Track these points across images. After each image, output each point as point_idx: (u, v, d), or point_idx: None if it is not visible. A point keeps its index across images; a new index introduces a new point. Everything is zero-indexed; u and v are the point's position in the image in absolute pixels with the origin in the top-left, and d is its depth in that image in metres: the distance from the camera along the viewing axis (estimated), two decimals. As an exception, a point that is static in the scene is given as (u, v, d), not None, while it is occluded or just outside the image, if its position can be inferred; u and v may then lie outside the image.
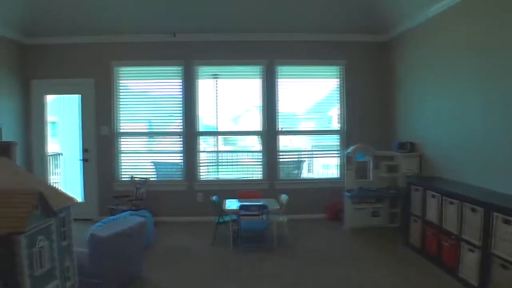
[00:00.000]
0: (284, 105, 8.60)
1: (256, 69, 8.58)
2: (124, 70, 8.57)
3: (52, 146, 9.35)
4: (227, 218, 6.72)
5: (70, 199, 2.53)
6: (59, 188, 2.53)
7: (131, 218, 5.29)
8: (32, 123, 8.55)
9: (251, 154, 8.85)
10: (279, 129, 8.57)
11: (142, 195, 7.82)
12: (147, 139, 8.85)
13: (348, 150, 7.79)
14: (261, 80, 8.57)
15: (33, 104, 8.56)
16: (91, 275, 4.24)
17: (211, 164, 8.74)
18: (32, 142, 8.54)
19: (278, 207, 6.63)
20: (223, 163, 8.78)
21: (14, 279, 1.97)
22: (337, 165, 8.81)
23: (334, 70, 8.65)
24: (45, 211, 2.08)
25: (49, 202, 2.08)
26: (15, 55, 8.19)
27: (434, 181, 6.21)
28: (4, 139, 7.17)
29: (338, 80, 8.65)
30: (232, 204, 6.80)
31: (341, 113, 8.66)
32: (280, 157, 8.64)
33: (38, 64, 8.50)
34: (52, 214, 2.15)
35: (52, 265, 2.19)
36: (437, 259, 5.61)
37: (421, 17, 6.99)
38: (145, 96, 8.77)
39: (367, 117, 8.53)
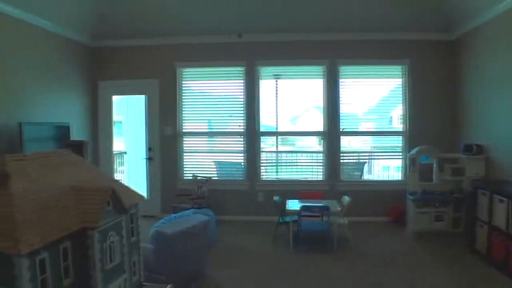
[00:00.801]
0: (345, 105, 8.51)
1: (318, 69, 8.53)
2: (187, 71, 8.76)
3: (116, 144, 9.66)
4: (288, 219, 6.73)
5: (139, 196, 2.61)
6: (129, 186, 2.62)
7: (195, 217, 5.38)
8: (99, 122, 8.89)
9: (310, 154, 8.82)
10: (341, 130, 8.48)
11: (204, 194, 7.94)
12: (212, 139, 9.00)
13: (412, 152, 7.63)
14: (323, 80, 8.52)
15: (100, 104, 8.89)
16: (155, 271, 4.35)
17: (270, 164, 8.77)
18: (99, 141, 8.86)
19: (340, 208, 6.58)
20: (283, 163, 8.80)
21: (86, 272, 2.05)
22: (399, 167, 8.64)
23: (397, 69, 8.47)
24: (116, 207, 2.16)
25: (121, 199, 2.16)
26: (84, 57, 8.55)
27: (502, 185, 5.98)
28: (73, 137, 7.48)
29: (401, 79, 8.47)
30: (293, 204, 6.78)
31: (404, 114, 8.47)
32: (342, 158, 8.55)
33: (104, 66, 8.84)
34: (123, 211, 2.23)
35: (121, 260, 2.27)
36: (504, 267, 5.39)
37: (491, 13, 6.71)
38: (207, 96, 8.93)
39: (431, 118, 8.29)
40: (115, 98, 9.23)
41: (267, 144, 8.81)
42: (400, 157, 8.55)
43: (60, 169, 2.32)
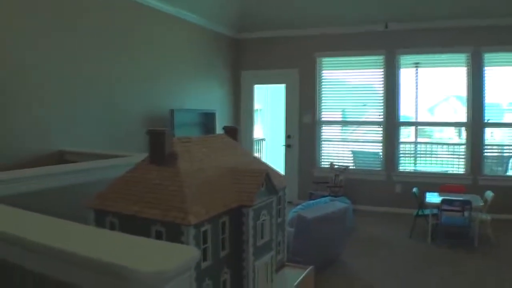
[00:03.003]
0: (489, 94, 7.98)
1: (461, 57, 8.12)
2: (326, 61, 8.85)
3: (256, 131, 10.07)
4: (427, 212, 6.56)
5: (286, 180, 2.78)
6: (278, 170, 2.80)
7: (334, 203, 5.49)
8: (241, 110, 9.32)
9: (452, 146, 8.48)
10: (485, 121, 8.03)
11: (341, 182, 8.00)
12: (346, 128, 9.05)
13: None
14: (466, 68, 8.09)
15: (243, 93, 9.32)
16: (293, 253, 4.53)
17: (409, 155, 8.59)
18: (240, 128, 9.28)
19: (482, 204, 6.28)
20: (421, 155, 8.57)
21: (240, 247, 2.24)
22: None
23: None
24: (269, 189, 2.33)
25: (273, 181, 2.34)
26: (228, 49, 9.06)
27: None
28: (217, 124, 7.95)
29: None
30: (433, 197, 6.60)
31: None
32: (486, 151, 8.10)
33: (247, 57, 9.25)
34: (274, 193, 2.40)
35: (270, 238, 2.43)
36: None
37: None
38: (345, 85, 8.97)
39: None
40: (256, 87, 9.61)
41: (402, 134, 8.61)
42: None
43: (219, 152, 2.56)
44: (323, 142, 8.96)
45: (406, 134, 8.62)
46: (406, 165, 8.58)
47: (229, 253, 2.23)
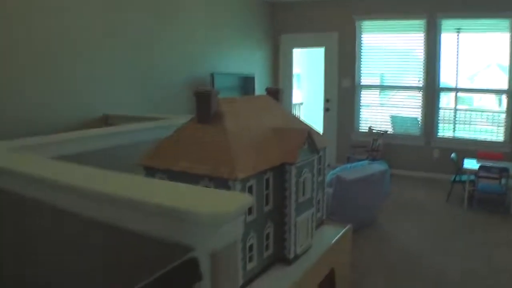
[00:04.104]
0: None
1: (504, 22, 7.88)
2: (366, 24, 8.76)
3: (295, 96, 10.12)
4: (464, 178, 6.56)
5: (327, 141, 2.87)
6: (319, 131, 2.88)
7: (372, 166, 5.55)
8: (280, 74, 9.35)
9: (491, 114, 8.34)
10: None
11: (379, 147, 8.03)
12: (385, 92, 9.00)
13: None
14: (510, 34, 7.81)
15: (281, 57, 9.33)
16: (331, 212, 4.64)
17: (447, 121, 8.50)
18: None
19: (520, 172, 6.23)
20: (461, 122, 8.47)
21: (283, 203, 2.36)
22: None
23: None
24: (310, 148, 2.43)
25: (314, 140, 2.43)
26: (266, 12, 9.07)
27: None
28: (256, 87, 8.04)
29: None
30: (470, 163, 6.58)
31: None
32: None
33: (286, 20, 9.21)
34: (316, 152, 2.49)
35: (310, 195, 2.53)
36: None
37: None
38: (385, 49, 8.87)
39: None
40: (295, 51, 9.61)
41: (441, 102, 8.51)
42: None
43: (262, 111, 2.65)
44: (362, 106, 8.96)
45: (446, 102, 8.52)
46: (445, 131, 8.51)
47: (272, 208, 2.34)
